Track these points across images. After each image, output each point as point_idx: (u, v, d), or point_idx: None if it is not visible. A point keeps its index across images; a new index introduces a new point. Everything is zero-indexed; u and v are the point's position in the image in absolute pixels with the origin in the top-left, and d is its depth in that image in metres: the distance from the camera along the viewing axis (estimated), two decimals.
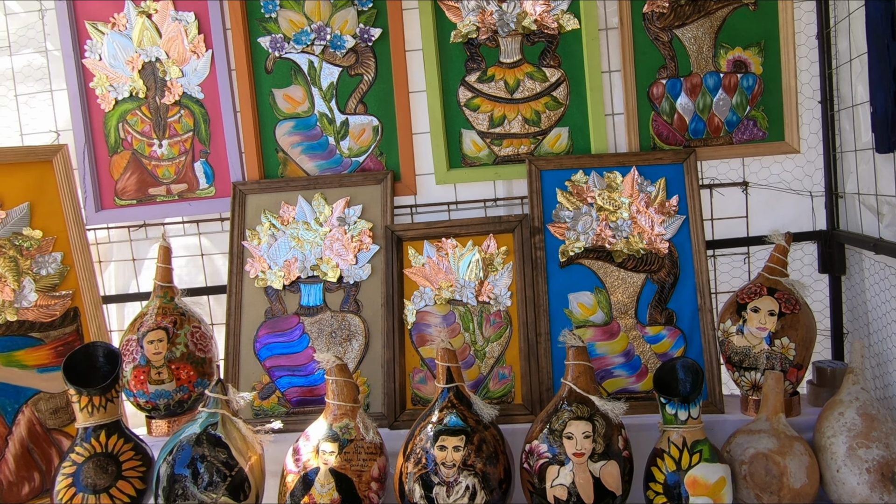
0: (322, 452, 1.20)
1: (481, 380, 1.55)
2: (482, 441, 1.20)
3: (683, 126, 1.68)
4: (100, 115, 1.71)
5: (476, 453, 1.18)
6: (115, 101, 1.70)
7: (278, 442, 1.34)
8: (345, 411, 1.26)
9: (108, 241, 1.75)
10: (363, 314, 1.60)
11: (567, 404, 1.23)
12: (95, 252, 1.72)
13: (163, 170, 1.71)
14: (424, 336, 1.57)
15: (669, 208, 1.61)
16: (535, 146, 1.70)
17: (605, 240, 1.61)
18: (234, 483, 1.19)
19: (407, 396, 1.55)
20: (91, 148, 1.70)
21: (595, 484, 1.16)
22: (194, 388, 1.51)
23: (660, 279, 1.60)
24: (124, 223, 1.73)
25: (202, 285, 1.75)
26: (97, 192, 1.70)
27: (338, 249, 1.62)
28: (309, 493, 1.18)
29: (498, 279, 1.59)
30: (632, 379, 1.56)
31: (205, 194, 1.71)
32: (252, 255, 1.63)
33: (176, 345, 1.48)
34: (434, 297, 1.58)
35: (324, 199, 1.66)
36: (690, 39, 1.67)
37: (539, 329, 1.56)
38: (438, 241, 1.61)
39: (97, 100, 1.70)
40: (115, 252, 1.76)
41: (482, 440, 1.20)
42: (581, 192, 1.63)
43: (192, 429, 1.23)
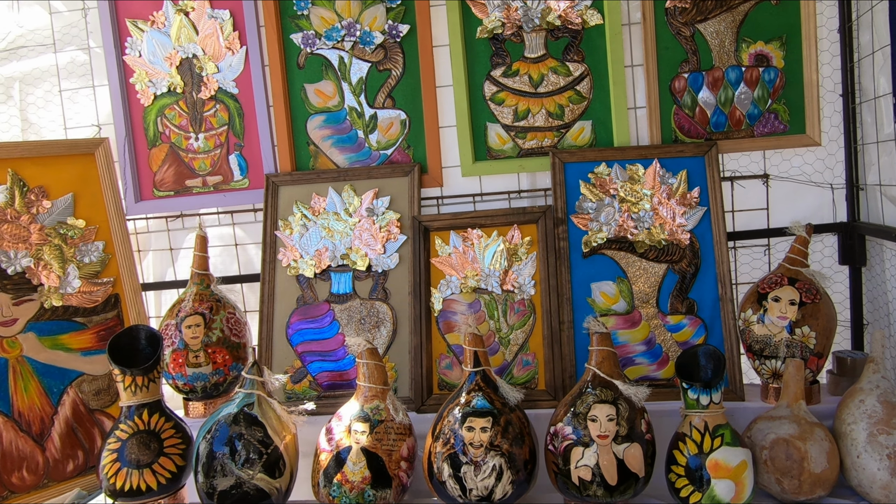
0: (354, 432, 1.23)
1: (506, 366, 1.57)
2: (508, 423, 1.21)
3: (705, 119, 1.68)
4: (139, 110, 1.75)
5: (502, 434, 1.19)
6: (153, 95, 1.74)
7: (310, 424, 1.37)
8: (375, 393, 1.28)
9: (147, 230, 1.80)
10: (391, 302, 1.62)
11: (591, 388, 1.24)
12: (135, 241, 1.77)
13: (199, 162, 1.75)
14: (451, 323, 1.59)
15: (691, 200, 1.61)
16: (558, 139, 1.71)
17: (627, 230, 1.62)
18: (269, 461, 1.22)
19: (434, 381, 1.57)
20: (131, 141, 1.74)
21: (619, 465, 1.17)
22: (229, 371, 1.54)
23: (681, 269, 1.60)
24: (162, 213, 1.77)
25: (236, 273, 1.78)
26: (137, 184, 1.74)
27: (367, 239, 1.65)
28: (342, 471, 1.21)
29: (522, 268, 1.61)
30: (653, 366, 1.57)
31: (239, 186, 1.74)
32: (284, 245, 1.67)
33: (212, 330, 1.52)
34: (460, 285, 1.60)
35: (353, 190, 1.68)
36: (712, 34, 1.66)
37: (562, 317, 1.58)
38: (464, 231, 1.63)
39: (137, 95, 1.74)
40: (154, 241, 1.80)
41: (508, 422, 1.22)
42: (604, 183, 1.64)
43: (229, 408, 1.27)
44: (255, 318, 1.67)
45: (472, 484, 1.17)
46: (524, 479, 1.20)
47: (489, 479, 1.17)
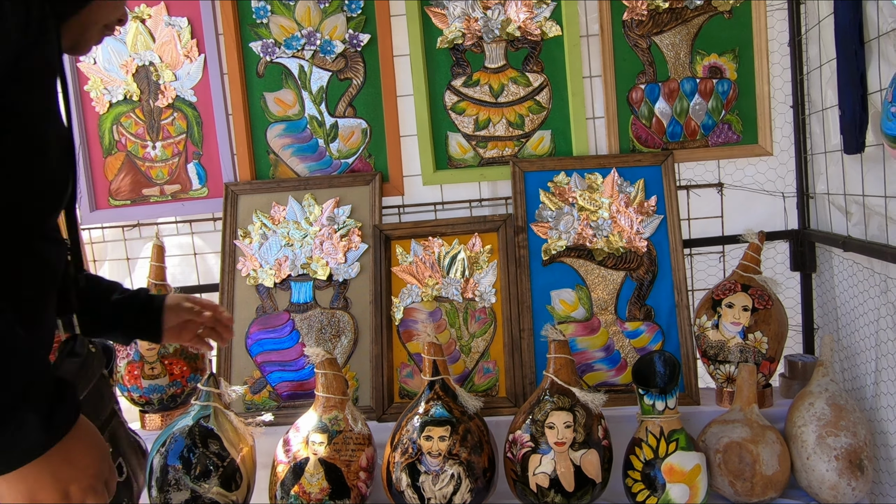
0: (312, 443, 1.21)
1: (467, 374, 1.57)
2: (467, 431, 1.21)
3: (661, 129, 1.71)
4: (94, 118, 1.71)
5: (461, 443, 1.19)
6: (109, 103, 1.70)
7: (269, 434, 1.35)
8: (334, 403, 1.27)
9: (103, 240, 1.75)
10: (352, 311, 1.61)
11: (549, 395, 1.24)
12: (90, 251, 1.72)
13: (156, 171, 1.71)
14: (412, 332, 1.58)
15: (648, 208, 1.64)
16: (518, 148, 1.72)
17: (586, 238, 1.63)
18: (225, 473, 1.20)
19: (395, 390, 1.56)
20: (86, 149, 1.70)
21: (576, 472, 1.18)
22: (187, 382, 1.51)
23: (639, 276, 1.62)
24: (118, 223, 1.73)
25: (195, 283, 1.75)
26: (92, 193, 1.70)
27: (327, 248, 1.64)
28: (299, 483, 1.19)
29: (483, 277, 1.61)
30: (612, 372, 1.58)
31: (197, 195, 1.72)
32: (244, 254, 1.64)
33: None
34: (421, 294, 1.60)
35: (314, 199, 1.67)
36: (668, 46, 1.69)
37: (522, 325, 1.58)
38: (425, 239, 1.63)
39: (91, 102, 1.70)
40: (110, 251, 1.76)
41: (467, 430, 1.21)
42: (563, 192, 1.66)
43: (184, 421, 1.24)
44: None
45: (430, 493, 1.17)
46: (483, 486, 1.20)
47: (447, 487, 1.17)
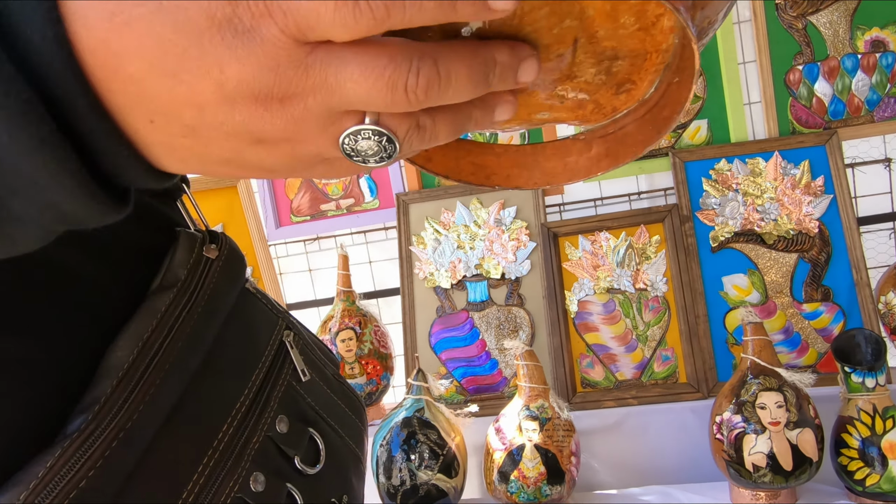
0: (525, 430, 1.26)
1: (646, 362, 1.58)
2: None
3: (823, 109, 1.67)
4: None
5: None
6: None
7: (465, 425, 1.42)
8: (538, 392, 1.32)
9: (287, 254, 1.89)
10: (527, 307, 1.66)
11: (753, 377, 1.24)
12: (277, 265, 1.86)
13: (332, 187, 1.83)
14: (587, 324, 1.62)
15: (816, 189, 1.60)
16: (675, 140, 1.72)
17: (753, 223, 1.61)
18: (445, 461, 1.27)
19: (576, 380, 1.59)
20: None
21: (793, 451, 1.17)
22: (381, 380, 1.60)
23: (812, 257, 1.59)
24: (300, 238, 1.86)
25: (371, 289, 1.85)
26: (276, 212, 1.84)
27: (497, 249, 1.69)
28: (518, 468, 1.24)
29: (652, 266, 1.62)
30: (793, 354, 1.56)
31: (370, 207, 1.82)
32: (419, 259, 1.72)
33: (363, 342, 1.58)
34: (593, 287, 1.63)
35: (480, 203, 1.73)
36: (826, 24, 1.65)
37: (697, 311, 1.58)
38: (592, 234, 1.66)
39: None
40: (294, 264, 1.89)
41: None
42: (726, 179, 1.64)
43: (402, 414, 1.32)
44: (393, 329, 1.73)
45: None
46: None
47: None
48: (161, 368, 0.36)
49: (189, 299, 0.40)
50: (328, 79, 0.26)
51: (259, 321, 0.47)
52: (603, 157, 0.37)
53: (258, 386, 0.43)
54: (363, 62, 0.26)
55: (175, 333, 0.38)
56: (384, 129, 0.28)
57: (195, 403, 0.39)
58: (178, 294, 0.39)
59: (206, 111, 0.26)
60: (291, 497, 0.42)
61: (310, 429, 0.46)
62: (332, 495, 0.46)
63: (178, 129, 0.27)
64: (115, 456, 0.33)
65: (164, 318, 0.38)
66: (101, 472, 0.33)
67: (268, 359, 0.46)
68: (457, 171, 0.37)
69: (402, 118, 0.28)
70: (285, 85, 0.26)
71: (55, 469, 0.32)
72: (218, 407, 0.40)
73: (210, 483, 0.38)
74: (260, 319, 0.47)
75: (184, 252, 0.41)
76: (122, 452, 0.34)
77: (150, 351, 0.36)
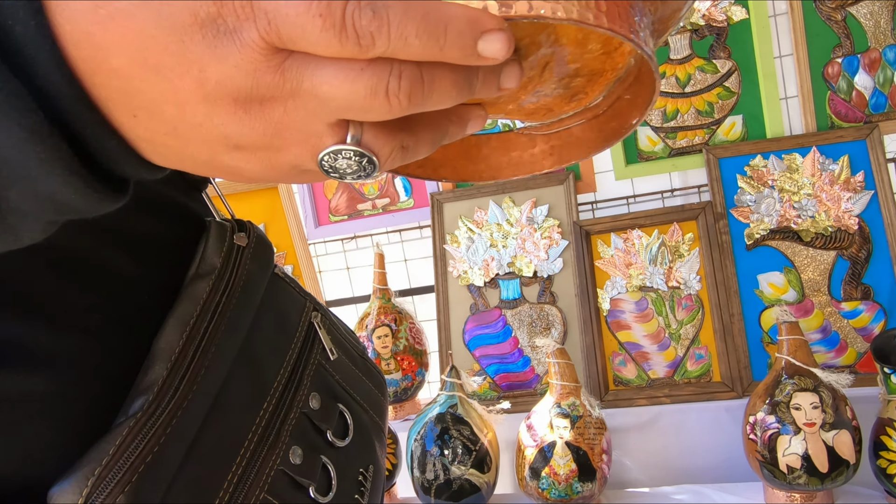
0: (556, 427, 1.26)
1: (679, 361, 1.56)
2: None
3: (863, 102, 1.61)
4: None
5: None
6: None
7: (497, 422, 1.42)
8: (569, 390, 1.31)
9: (326, 253, 1.92)
10: (559, 304, 1.65)
11: (788, 377, 1.21)
12: (316, 264, 1.89)
13: (368, 187, 1.85)
14: (620, 322, 1.60)
15: (855, 184, 1.55)
16: (709, 136, 1.69)
17: (790, 220, 1.57)
18: (478, 456, 1.28)
19: (609, 378, 1.58)
20: None
21: (829, 452, 1.14)
22: (416, 376, 1.62)
23: (851, 255, 1.54)
24: (338, 236, 1.89)
25: (406, 287, 1.87)
26: (314, 211, 1.87)
27: (529, 247, 1.69)
28: (549, 465, 1.24)
29: (685, 264, 1.59)
30: (831, 354, 1.51)
31: (405, 206, 1.83)
32: (453, 257, 1.73)
33: (398, 339, 1.60)
34: (626, 285, 1.61)
35: (512, 202, 1.73)
36: (866, 15, 1.59)
37: (731, 310, 1.55)
38: (624, 232, 1.64)
39: None
40: (332, 263, 1.92)
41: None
42: (761, 175, 1.60)
43: (435, 410, 1.33)
44: (428, 326, 1.75)
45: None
46: None
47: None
48: (207, 352, 0.39)
49: (226, 286, 0.41)
50: (304, 82, 0.25)
51: (288, 304, 0.49)
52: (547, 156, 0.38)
53: (292, 365, 0.46)
54: (340, 65, 0.25)
55: (217, 319, 0.40)
56: (366, 151, 0.27)
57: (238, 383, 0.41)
58: (216, 281, 0.41)
59: (185, 110, 0.26)
60: (326, 469, 0.44)
61: (339, 404, 0.48)
62: (360, 466, 0.48)
63: (159, 126, 0.26)
64: (175, 432, 0.36)
65: (206, 304, 0.40)
66: (165, 446, 0.35)
67: (299, 340, 0.48)
68: (404, 166, 0.37)
69: (386, 139, 0.28)
70: (263, 89, 0.25)
71: (124, 445, 0.34)
72: (258, 386, 0.42)
73: (255, 457, 0.40)
74: (289, 302, 0.49)
75: (215, 241, 0.43)
76: (181, 429, 0.36)
77: (197, 336, 0.39)
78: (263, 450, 0.41)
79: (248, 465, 0.40)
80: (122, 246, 0.40)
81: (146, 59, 0.25)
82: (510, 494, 1.43)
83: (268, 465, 0.41)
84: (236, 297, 0.42)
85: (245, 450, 0.40)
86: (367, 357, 0.57)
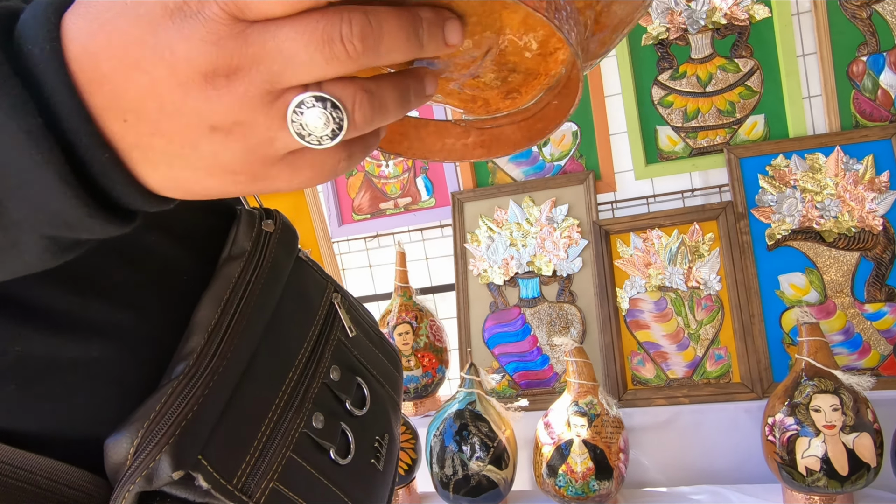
0: (574, 425, 1.26)
1: (698, 361, 1.55)
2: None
3: (889, 101, 1.57)
4: None
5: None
6: None
7: (515, 420, 1.42)
8: (587, 389, 1.31)
9: (349, 251, 1.94)
10: (578, 304, 1.65)
11: (807, 378, 1.20)
12: (340, 261, 1.91)
13: (390, 186, 1.86)
14: (639, 321, 1.59)
15: (880, 184, 1.52)
16: (730, 136, 1.67)
17: (812, 220, 1.55)
18: (496, 453, 1.28)
19: (627, 378, 1.57)
20: None
21: (849, 455, 1.12)
22: (436, 373, 1.63)
23: (875, 256, 1.51)
24: (360, 235, 1.91)
25: (428, 285, 1.88)
26: (338, 210, 1.89)
27: (549, 246, 1.68)
28: (566, 462, 1.24)
29: (705, 265, 1.58)
30: (854, 356, 1.49)
31: (426, 205, 1.84)
32: (473, 256, 1.74)
33: (419, 336, 1.61)
34: (645, 284, 1.60)
35: (532, 201, 1.73)
36: (892, 12, 1.56)
37: (752, 311, 1.53)
38: (644, 232, 1.63)
39: None
40: (355, 260, 1.94)
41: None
42: (783, 175, 1.58)
43: (454, 407, 1.34)
44: (448, 323, 1.75)
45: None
46: None
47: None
48: (239, 324, 0.43)
49: (255, 267, 0.46)
50: (266, 44, 0.27)
51: (311, 285, 0.53)
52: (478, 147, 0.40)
53: (314, 340, 0.49)
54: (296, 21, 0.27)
55: (247, 296, 0.44)
56: (328, 95, 0.28)
57: (266, 353, 0.45)
58: (246, 262, 0.45)
59: (164, 100, 0.28)
60: (345, 435, 0.48)
61: (357, 377, 0.52)
62: (376, 434, 0.52)
63: (146, 126, 0.28)
64: (211, 394, 0.40)
65: (237, 283, 0.44)
66: (202, 406, 0.39)
67: (320, 317, 0.51)
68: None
69: (345, 83, 0.29)
70: (227, 57, 0.27)
71: (168, 403, 0.38)
72: (284, 357, 0.46)
73: (282, 419, 0.44)
74: (312, 284, 0.53)
75: (246, 227, 0.47)
76: (216, 391, 0.40)
77: (230, 310, 0.43)
78: (289, 414, 0.44)
79: (275, 426, 0.43)
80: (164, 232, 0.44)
81: (128, 56, 0.27)
82: (528, 491, 1.43)
83: (293, 427, 0.44)
84: (264, 277, 0.46)
85: (273, 412, 0.43)
86: (383, 336, 0.61)
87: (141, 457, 0.36)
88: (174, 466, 0.36)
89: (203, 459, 0.38)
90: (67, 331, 0.38)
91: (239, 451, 0.41)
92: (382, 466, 0.51)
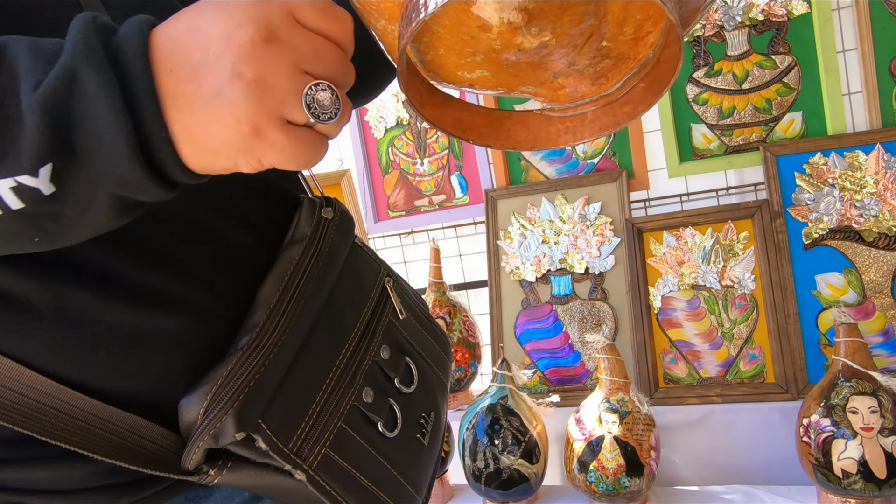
0: (605, 422, 1.25)
1: (731, 360, 1.51)
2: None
3: None
4: (373, 143, 1.90)
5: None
6: (384, 129, 1.88)
7: (546, 415, 1.41)
8: (618, 386, 1.29)
9: (385, 247, 1.95)
10: (610, 301, 1.62)
11: (844, 380, 1.16)
12: None
13: (425, 184, 1.86)
14: (671, 320, 1.56)
15: None
16: (767, 133, 1.62)
17: (851, 219, 1.49)
18: (527, 447, 1.28)
19: (659, 376, 1.55)
20: (368, 170, 1.90)
21: (887, 458, 1.09)
22: (469, 368, 1.63)
23: None
24: (396, 231, 1.91)
25: (460, 281, 1.88)
26: (374, 207, 1.90)
27: (581, 244, 1.67)
28: (597, 458, 1.23)
29: (739, 263, 1.54)
30: (893, 358, 1.43)
31: (460, 202, 1.84)
32: (506, 253, 1.73)
33: (453, 331, 1.61)
34: (677, 283, 1.57)
35: (565, 199, 1.71)
36: None
37: (787, 310, 1.49)
38: (677, 230, 1.59)
39: (370, 129, 1.90)
40: (390, 257, 1.95)
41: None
42: (821, 174, 1.53)
43: (486, 401, 1.34)
44: (481, 319, 1.75)
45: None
46: None
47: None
48: (299, 302, 0.46)
49: (314, 251, 0.49)
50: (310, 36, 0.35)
51: (365, 269, 0.56)
52: (562, 133, 0.41)
53: (367, 320, 0.53)
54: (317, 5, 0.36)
55: (307, 276, 0.48)
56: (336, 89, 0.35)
57: (322, 331, 0.48)
58: (306, 247, 0.49)
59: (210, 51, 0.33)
60: (393, 410, 0.51)
61: (406, 357, 0.55)
62: (423, 411, 0.55)
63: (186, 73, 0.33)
64: (272, 365, 0.43)
65: (298, 264, 0.48)
66: (264, 375, 0.43)
67: (373, 300, 0.55)
68: (441, 120, 0.41)
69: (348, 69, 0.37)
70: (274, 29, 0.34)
71: (233, 372, 0.42)
72: (339, 335, 0.50)
73: (335, 392, 0.47)
74: (366, 268, 0.56)
75: (307, 214, 0.51)
76: (276, 363, 0.44)
77: (290, 290, 0.47)
78: (342, 387, 0.47)
79: (329, 397, 0.46)
80: (233, 219, 0.49)
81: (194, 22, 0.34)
82: (559, 486, 1.42)
83: (345, 399, 0.47)
84: (322, 260, 0.49)
85: (327, 385, 0.47)
86: (433, 320, 0.63)
87: (209, 417, 0.40)
88: (237, 427, 0.40)
89: (263, 423, 0.41)
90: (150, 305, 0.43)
91: (296, 418, 0.44)
92: (427, 442, 0.53)
